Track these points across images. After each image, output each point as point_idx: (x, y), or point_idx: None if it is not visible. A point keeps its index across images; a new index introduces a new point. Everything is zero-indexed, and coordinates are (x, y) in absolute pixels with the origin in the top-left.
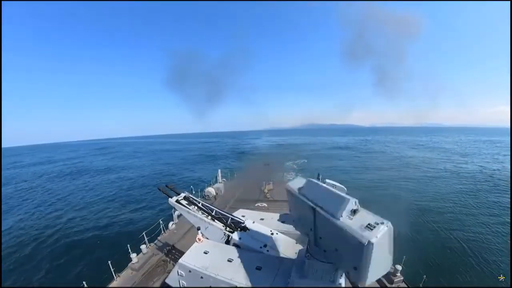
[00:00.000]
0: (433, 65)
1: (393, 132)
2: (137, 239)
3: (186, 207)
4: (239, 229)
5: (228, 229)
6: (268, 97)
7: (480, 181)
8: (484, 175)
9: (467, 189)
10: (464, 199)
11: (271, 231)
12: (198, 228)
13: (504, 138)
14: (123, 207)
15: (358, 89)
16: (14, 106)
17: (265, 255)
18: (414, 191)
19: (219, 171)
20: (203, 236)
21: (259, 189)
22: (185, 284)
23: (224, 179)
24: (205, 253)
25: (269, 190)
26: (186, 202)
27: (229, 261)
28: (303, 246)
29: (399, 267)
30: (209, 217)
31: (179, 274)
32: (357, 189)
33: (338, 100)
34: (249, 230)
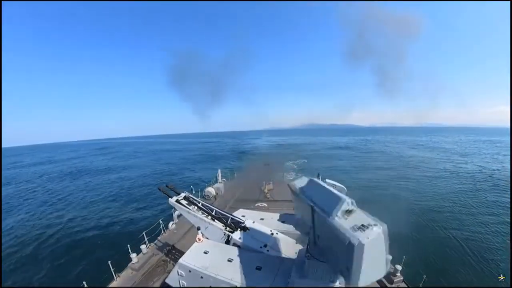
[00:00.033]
0: (433, 65)
1: (393, 132)
2: (137, 239)
3: (186, 207)
4: (239, 229)
5: (228, 229)
6: (268, 97)
7: (480, 181)
8: (484, 175)
9: (466, 189)
10: (463, 199)
11: (271, 231)
12: (198, 228)
13: (504, 138)
14: (124, 207)
15: (358, 89)
16: (14, 106)
17: (265, 255)
18: (414, 191)
19: (219, 171)
20: (203, 236)
21: (259, 189)
22: (185, 284)
23: (224, 179)
24: (205, 253)
25: (269, 190)
26: (186, 202)
27: (229, 261)
28: (303, 246)
29: (399, 267)
30: (209, 217)
31: (179, 274)
32: (357, 189)
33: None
34: (249, 230)
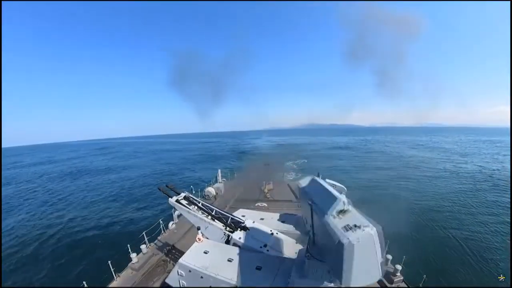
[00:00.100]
0: (433, 65)
1: (393, 132)
2: (137, 239)
3: (186, 207)
4: (239, 229)
5: (228, 229)
6: (268, 97)
7: (480, 181)
8: (484, 175)
9: (466, 189)
10: (463, 198)
11: (271, 231)
12: (198, 228)
13: (504, 138)
14: (124, 207)
15: (358, 89)
16: (14, 106)
17: (265, 255)
18: (414, 190)
19: (219, 171)
20: (203, 236)
21: (259, 189)
22: (185, 284)
23: (224, 179)
24: (205, 253)
25: (269, 190)
26: (186, 202)
27: (229, 261)
28: (303, 246)
29: (399, 267)
30: (209, 217)
31: (179, 274)
32: (357, 189)
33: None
34: (249, 230)
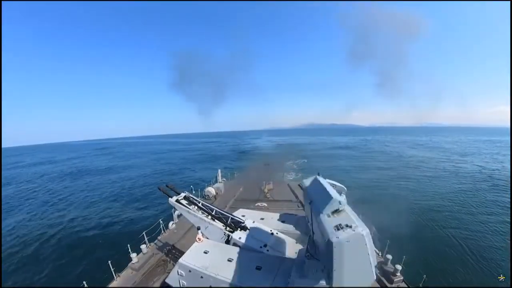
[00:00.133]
0: (433, 65)
1: (393, 132)
2: (137, 239)
3: (186, 206)
4: (239, 229)
5: (228, 228)
6: (268, 97)
7: (479, 180)
8: (483, 174)
9: (466, 188)
10: (463, 198)
11: (271, 231)
12: (198, 228)
13: (504, 138)
14: (124, 207)
15: (359, 89)
16: (14, 106)
17: (265, 255)
18: (413, 190)
19: (219, 170)
20: (203, 236)
21: (259, 189)
22: (185, 283)
23: (224, 178)
24: (205, 252)
25: (269, 190)
26: (186, 202)
27: (229, 261)
28: (303, 246)
29: (399, 267)
30: (209, 217)
31: (179, 273)
32: (357, 189)
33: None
34: (249, 229)
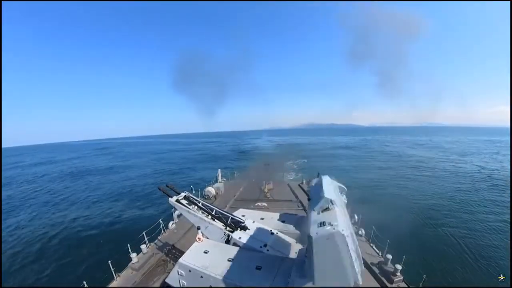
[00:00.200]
0: (433, 65)
1: (393, 131)
2: (137, 239)
3: (186, 206)
4: (239, 229)
5: (228, 228)
6: (268, 98)
7: (478, 180)
8: (483, 174)
9: (465, 188)
10: (462, 198)
11: (271, 230)
12: (198, 228)
13: (504, 138)
14: (124, 207)
15: (359, 89)
16: (14, 106)
17: (265, 254)
18: (413, 190)
19: (219, 170)
20: (203, 236)
21: (259, 189)
22: (185, 283)
23: (224, 178)
24: (205, 252)
25: (269, 190)
26: (186, 202)
27: (229, 260)
28: (303, 246)
29: (399, 267)
30: (209, 217)
31: (179, 273)
32: (357, 188)
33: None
34: (249, 229)
